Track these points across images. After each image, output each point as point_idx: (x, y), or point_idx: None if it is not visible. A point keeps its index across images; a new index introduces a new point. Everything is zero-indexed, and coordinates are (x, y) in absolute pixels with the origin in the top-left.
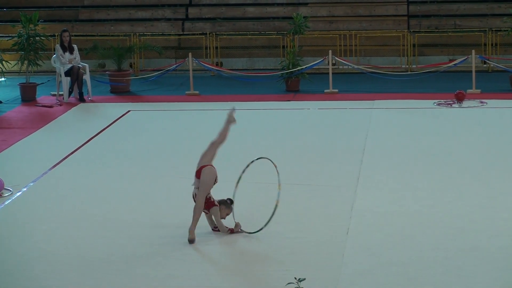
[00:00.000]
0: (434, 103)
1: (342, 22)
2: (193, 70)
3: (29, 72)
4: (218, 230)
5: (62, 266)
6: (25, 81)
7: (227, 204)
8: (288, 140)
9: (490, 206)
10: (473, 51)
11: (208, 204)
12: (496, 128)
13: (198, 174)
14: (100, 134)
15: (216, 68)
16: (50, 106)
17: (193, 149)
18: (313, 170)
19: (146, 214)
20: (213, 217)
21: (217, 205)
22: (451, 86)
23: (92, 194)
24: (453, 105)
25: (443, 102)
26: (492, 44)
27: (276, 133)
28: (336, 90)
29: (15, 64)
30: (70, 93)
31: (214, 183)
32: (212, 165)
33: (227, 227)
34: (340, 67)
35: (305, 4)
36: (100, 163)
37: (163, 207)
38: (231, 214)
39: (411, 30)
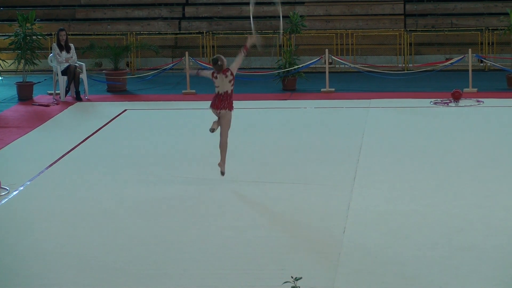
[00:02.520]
0: (431, 102)
1: (339, 21)
2: (190, 69)
3: (25, 71)
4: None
5: (59, 265)
6: (22, 80)
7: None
8: (285, 139)
9: (486, 205)
10: (470, 50)
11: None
12: (493, 127)
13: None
14: (96, 133)
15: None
16: (47, 105)
17: (190, 148)
18: (310, 169)
19: (143, 214)
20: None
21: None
22: (447, 85)
23: (89, 193)
24: (450, 104)
25: (440, 101)
26: (488, 43)
27: (273, 132)
28: (333, 89)
29: (12, 63)
30: (66, 92)
31: None
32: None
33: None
34: (337, 66)
35: (302, 3)
36: (97, 162)
37: (160, 207)
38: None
39: (408, 29)
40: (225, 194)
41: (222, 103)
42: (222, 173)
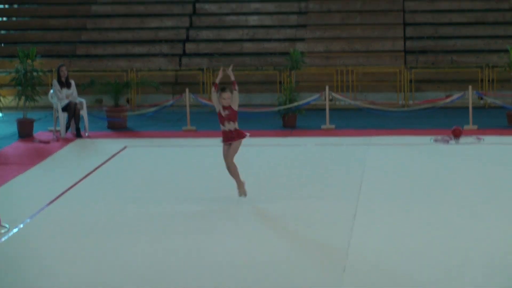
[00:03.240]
0: (431, 139)
1: (339, 58)
2: (190, 106)
3: (26, 107)
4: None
5: None
6: (22, 117)
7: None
8: (285, 176)
9: (487, 242)
10: (470, 87)
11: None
12: (493, 165)
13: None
14: (97, 170)
15: (211, 104)
16: (47, 142)
17: (190, 184)
18: (310, 206)
19: (143, 252)
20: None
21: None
22: (448, 122)
23: (89, 231)
24: (450, 142)
25: (440, 138)
26: (488, 80)
27: (273, 169)
28: (333, 126)
29: (13, 100)
30: (67, 128)
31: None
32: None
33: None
34: (337, 102)
35: (302, 39)
36: (97, 199)
37: (159, 244)
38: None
39: (408, 66)
40: (224, 229)
41: (231, 135)
42: (244, 194)
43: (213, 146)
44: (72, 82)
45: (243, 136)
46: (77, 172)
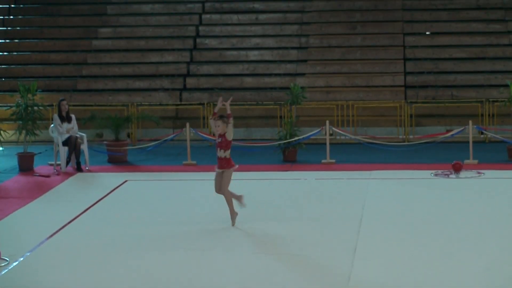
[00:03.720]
0: (432, 173)
1: (339, 93)
2: (191, 140)
3: (26, 141)
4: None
5: None
6: (22, 151)
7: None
8: (285, 210)
9: (488, 277)
10: (470, 121)
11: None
12: (494, 199)
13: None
14: (97, 203)
15: (214, 138)
16: (48, 176)
17: (191, 218)
18: (310, 239)
19: (144, 285)
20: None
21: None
22: (448, 157)
23: (89, 264)
24: (451, 176)
25: (441, 173)
26: (489, 115)
27: (273, 203)
28: (334, 161)
29: (13, 134)
30: (67, 162)
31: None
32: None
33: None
34: (338, 137)
35: (302, 74)
36: (97, 233)
37: (161, 278)
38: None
39: (408, 101)
40: (225, 263)
41: (221, 163)
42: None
43: (213, 180)
44: (73, 116)
45: (231, 166)
46: (78, 206)
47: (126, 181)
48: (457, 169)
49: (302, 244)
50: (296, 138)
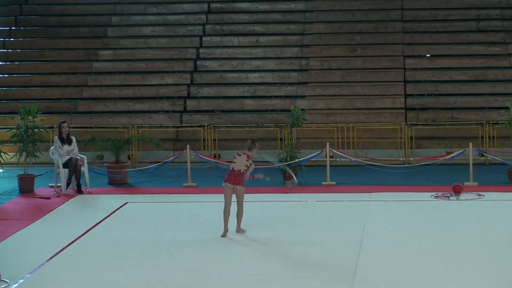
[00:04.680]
0: (432, 195)
1: (340, 115)
2: (191, 162)
3: (27, 163)
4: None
5: None
6: (23, 173)
7: (252, 147)
8: (285, 232)
9: None
10: (471, 144)
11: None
12: (494, 221)
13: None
14: (97, 225)
15: (214, 160)
16: (48, 198)
17: (191, 241)
18: (310, 262)
19: None
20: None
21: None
22: (448, 179)
23: (90, 286)
24: (451, 198)
25: (441, 195)
26: (489, 137)
27: (273, 225)
28: (334, 183)
29: (14, 156)
30: (68, 184)
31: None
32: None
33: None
34: (338, 159)
35: (303, 96)
36: (97, 255)
37: None
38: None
39: (409, 123)
40: (224, 285)
41: (236, 179)
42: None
43: (214, 202)
44: (73, 139)
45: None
46: (78, 228)
47: (126, 203)
48: (457, 191)
49: (302, 267)
50: (297, 160)
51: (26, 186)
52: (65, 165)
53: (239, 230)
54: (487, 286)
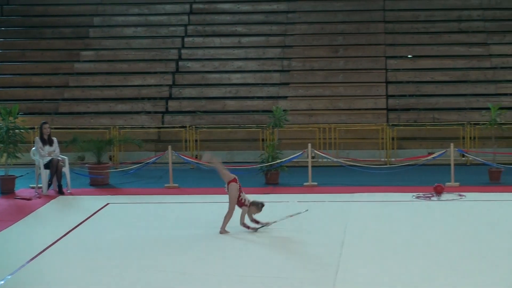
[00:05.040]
0: (413, 196)
1: (322, 116)
2: (173, 163)
3: (8, 164)
4: (247, 227)
5: None
6: (4, 174)
7: (258, 206)
8: (266, 233)
9: None
10: (452, 144)
11: (239, 203)
12: (475, 221)
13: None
14: (78, 226)
15: (196, 161)
16: (29, 199)
17: (171, 241)
18: (291, 262)
19: None
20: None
21: (246, 206)
22: (430, 179)
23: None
24: (432, 198)
25: (422, 195)
26: (470, 138)
27: (254, 226)
28: (316, 183)
29: None
30: (49, 185)
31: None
32: (234, 180)
33: (244, 224)
34: (320, 160)
35: (285, 97)
36: (79, 256)
37: None
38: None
39: (390, 123)
40: (206, 286)
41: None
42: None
43: (196, 203)
44: (55, 139)
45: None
46: (59, 229)
47: (107, 204)
48: (438, 191)
49: (284, 267)
50: (278, 160)
51: (7, 187)
52: (46, 166)
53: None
54: (469, 286)
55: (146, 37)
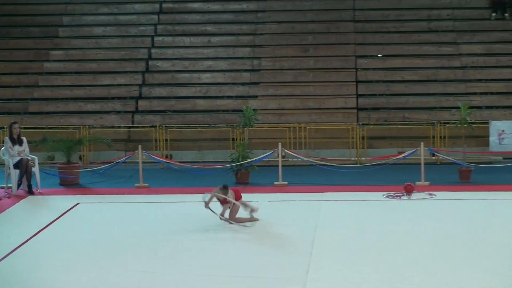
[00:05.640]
0: (384, 195)
1: (292, 115)
2: (143, 163)
3: None
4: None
5: None
6: None
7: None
8: (236, 232)
9: None
10: (422, 143)
11: (224, 201)
12: (445, 220)
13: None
14: (48, 226)
15: (166, 161)
16: None
17: (142, 241)
18: (262, 262)
19: None
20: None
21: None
22: (400, 178)
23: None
24: (402, 197)
25: (392, 194)
26: (440, 137)
27: (224, 225)
28: (286, 183)
29: None
30: (18, 185)
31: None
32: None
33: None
34: (290, 159)
35: (255, 97)
36: (48, 256)
37: None
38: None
39: (360, 123)
40: (176, 285)
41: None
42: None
43: (166, 202)
44: (24, 139)
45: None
46: (29, 229)
47: (78, 203)
48: (409, 190)
49: (254, 267)
50: (249, 160)
51: None
52: (16, 165)
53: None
54: (438, 285)
55: (116, 37)
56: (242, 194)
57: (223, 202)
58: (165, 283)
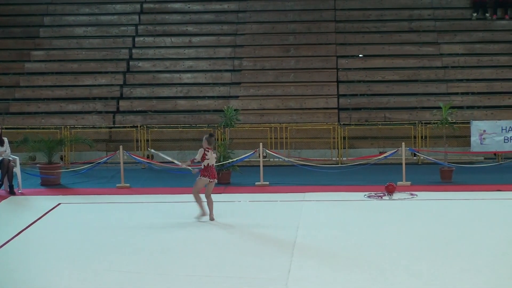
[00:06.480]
0: (365, 195)
1: (273, 115)
2: (124, 163)
3: None
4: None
5: None
6: None
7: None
8: (218, 232)
9: None
10: (403, 143)
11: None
12: (426, 220)
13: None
14: (30, 227)
15: (147, 161)
16: None
17: (124, 242)
18: (244, 262)
19: None
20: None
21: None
22: (381, 179)
23: None
24: (384, 198)
25: (374, 194)
26: (421, 137)
27: (206, 226)
28: (267, 183)
29: None
30: (0, 186)
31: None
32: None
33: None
34: (271, 159)
35: (236, 97)
36: (30, 256)
37: None
38: None
39: (342, 123)
40: (158, 286)
41: (214, 175)
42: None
43: (147, 202)
44: (5, 140)
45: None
46: (10, 229)
47: (59, 204)
48: (390, 190)
49: (236, 267)
50: (230, 160)
51: None
52: None
53: (213, 218)
54: (419, 284)
55: (97, 37)
56: (222, 194)
57: (203, 159)
58: (146, 283)
